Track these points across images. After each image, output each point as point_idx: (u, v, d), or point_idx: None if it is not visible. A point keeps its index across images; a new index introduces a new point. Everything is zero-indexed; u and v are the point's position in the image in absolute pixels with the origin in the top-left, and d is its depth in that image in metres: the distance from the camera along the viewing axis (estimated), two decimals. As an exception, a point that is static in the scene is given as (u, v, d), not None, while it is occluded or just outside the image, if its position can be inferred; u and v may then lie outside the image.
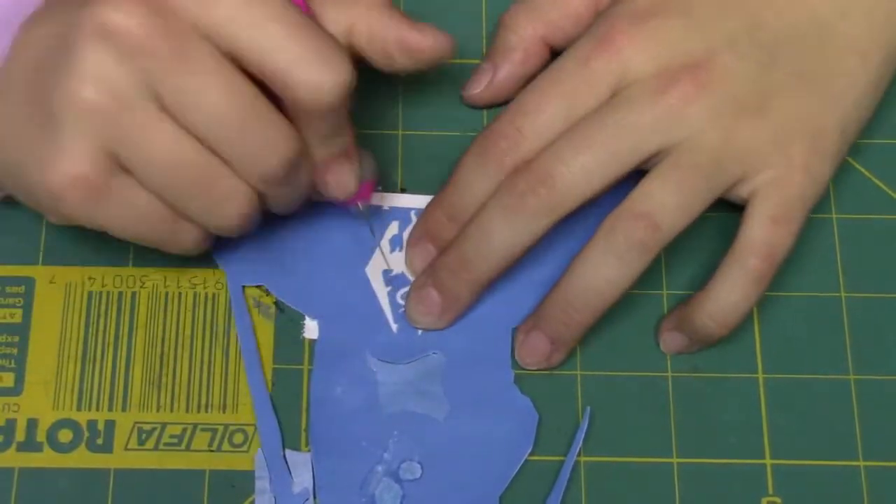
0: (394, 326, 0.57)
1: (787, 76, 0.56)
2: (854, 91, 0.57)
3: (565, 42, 0.60)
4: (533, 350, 0.56)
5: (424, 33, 0.54)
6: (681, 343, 0.57)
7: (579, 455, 0.55)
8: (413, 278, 0.58)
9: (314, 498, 0.54)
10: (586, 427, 0.56)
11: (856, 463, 0.56)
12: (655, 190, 0.54)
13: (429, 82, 0.62)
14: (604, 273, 0.54)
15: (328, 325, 0.57)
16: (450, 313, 0.57)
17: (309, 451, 0.55)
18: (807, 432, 0.56)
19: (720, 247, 0.57)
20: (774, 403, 0.57)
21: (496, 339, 0.57)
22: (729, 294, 0.55)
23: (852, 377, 0.57)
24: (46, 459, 0.54)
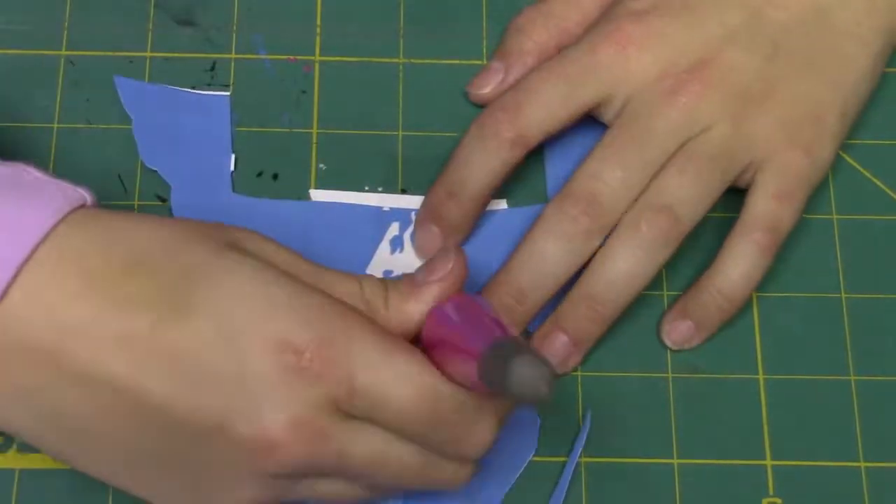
0: (394, 327, 0.57)
1: (790, 63, 0.57)
2: (854, 76, 0.58)
3: None
4: (553, 353, 0.56)
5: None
6: (686, 331, 0.57)
7: (579, 456, 0.55)
8: (420, 261, 0.58)
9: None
10: (588, 429, 0.56)
11: (856, 463, 0.56)
12: (673, 183, 0.55)
13: (429, 82, 0.62)
14: (629, 266, 0.54)
15: (328, 326, 0.57)
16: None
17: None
18: (807, 432, 0.56)
19: (719, 248, 0.57)
20: (774, 403, 0.57)
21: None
22: (735, 266, 0.56)
23: (852, 377, 0.57)
24: (46, 460, 0.54)
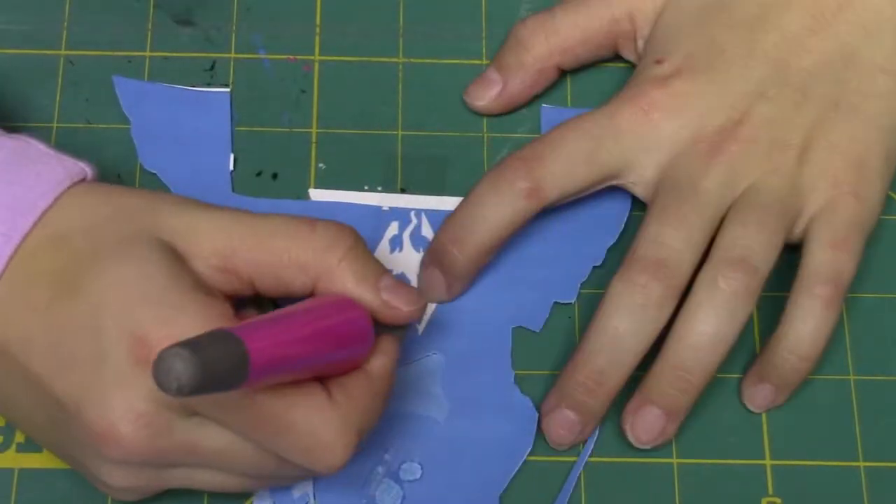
0: (394, 327, 0.57)
1: (823, 108, 0.56)
2: (891, 111, 0.57)
3: (575, 66, 0.61)
4: (648, 427, 0.54)
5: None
6: (768, 395, 0.56)
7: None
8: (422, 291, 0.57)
9: (314, 498, 0.54)
10: (596, 436, 0.56)
11: (856, 463, 0.56)
12: (739, 235, 0.54)
13: (429, 82, 0.62)
14: (713, 328, 0.53)
15: (328, 326, 0.57)
16: (590, 427, 0.55)
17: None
18: (807, 432, 0.56)
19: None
20: (774, 403, 0.57)
21: (496, 340, 0.57)
22: (803, 324, 0.54)
23: (852, 377, 0.57)
24: (46, 460, 0.54)
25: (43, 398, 0.48)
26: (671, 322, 0.54)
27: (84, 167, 0.50)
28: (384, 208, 0.59)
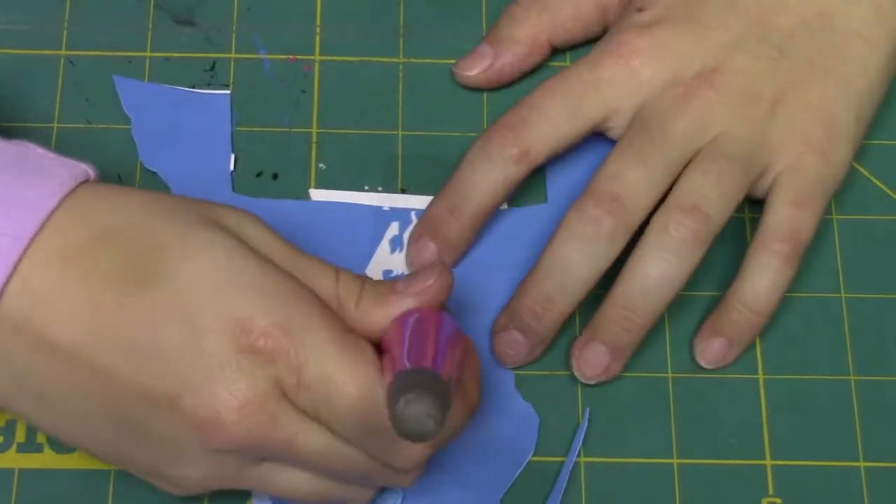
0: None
1: (798, 66, 0.57)
2: (865, 78, 0.58)
3: (567, 42, 0.61)
4: (592, 363, 0.55)
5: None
6: (720, 349, 0.56)
7: (579, 456, 0.55)
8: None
9: (314, 498, 0.54)
10: (585, 428, 0.56)
11: (856, 463, 0.56)
12: (698, 183, 0.55)
13: (429, 82, 0.62)
14: (661, 271, 0.54)
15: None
16: (538, 350, 0.56)
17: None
18: (807, 433, 0.56)
19: (719, 251, 0.57)
20: (774, 403, 0.57)
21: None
22: (759, 278, 0.55)
23: (852, 377, 0.57)
24: (46, 460, 0.54)
25: (114, 396, 0.47)
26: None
27: (86, 168, 0.50)
28: (384, 208, 0.59)
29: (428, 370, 0.44)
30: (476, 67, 0.61)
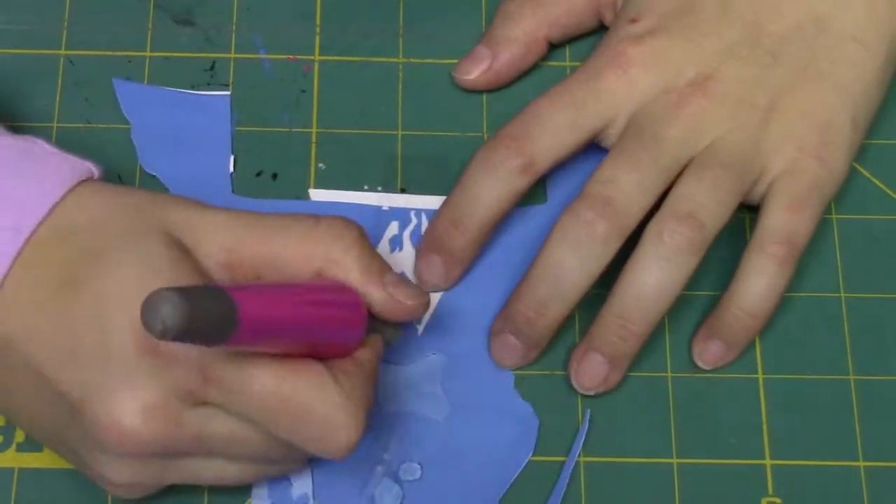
0: (394, 327, 0.57)
1: (792, 72, 0.57)
2: (861, 81, 0.58)
3: (563, 38, 0.61)
4: (591, 373, 0.55)
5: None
6: (718, 351, 0.56)
7: (579, 456, 0.55)
8: (421, 286, 0.57)
9: (313, 499, 0.54)
10: (586, 429, 0.56)
11: (856, 463, 0.56)
12: (692, 191, 0.54)
13: (428, 82, 0.62)
14: (656, 279, 0.54)
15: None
16: (533, 354, 0.56)
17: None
18: (807, 432, 0.56)
19: (719, 252, 0.57)
20: (774, 403, 0.57)
21: (496, 340, 0.57)
22: (755, 282, 0.55)
23: (852, 377, 0.57)
24: (46, 460, 0.54)
25: (46, 393, 0.48)
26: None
27: (91, 166, 0.50)
28: (384, 208, 0.59)
29: (217, 287, 0.42)
30: (475, 70, 0.61)
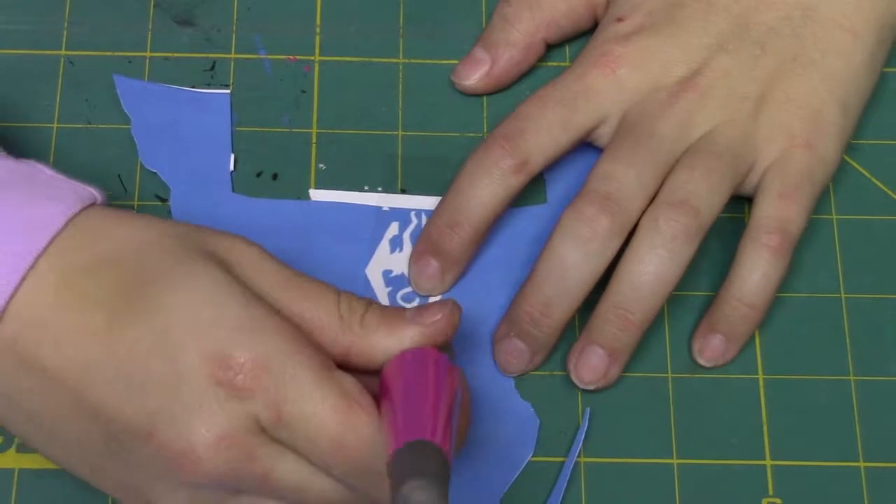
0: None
1: (781, 61, 0.57)
2: (850, 68, 0.58)
3: (561, 39, 0.62)
4: (591, 367, 0.55)
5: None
6: (718, 346, 0.57)
7: (579, 456, 0.55)
8: (416, 290, 0.58)
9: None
10: (586, 428, 0.56)
11: (856, 464, 0.56)
12: (684, 179, 0.55)
13: (429, 82, 0.62)
14: (654, 268, 0.54)
15: (328, 326, 0.57)
16: (539, 357, 0.56)
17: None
18: (807, 433, 0.56)
19: (718, 251, 0.57)
20: (774, 404, 0.57)
21: (496, 340, 0.57)
22: (750, 272, 0.55)
23: (852, 378, 0.57)
24: (46, 460, 0.54)
25: (98, 423, 0.47)
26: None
27: (93, 192, 0.50)
28: (384, 208, 0.59)
29: (432, 446, 0.43)
30: (474, 75, 0.61)
